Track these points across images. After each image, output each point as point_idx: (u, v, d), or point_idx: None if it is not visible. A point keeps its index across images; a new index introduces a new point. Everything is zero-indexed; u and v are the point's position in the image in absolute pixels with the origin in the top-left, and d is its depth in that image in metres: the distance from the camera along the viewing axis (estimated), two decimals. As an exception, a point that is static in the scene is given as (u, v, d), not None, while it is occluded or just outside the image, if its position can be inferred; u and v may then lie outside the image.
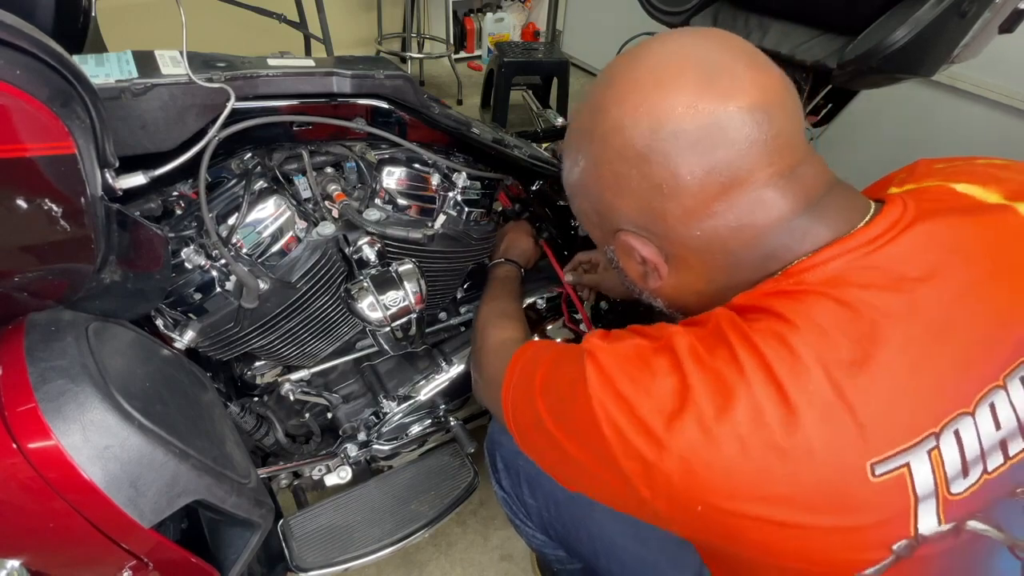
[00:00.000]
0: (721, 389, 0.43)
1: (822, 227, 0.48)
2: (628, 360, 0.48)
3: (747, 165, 0.46)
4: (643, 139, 0.47)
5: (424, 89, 0.86)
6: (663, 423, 0.43)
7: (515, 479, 0.86)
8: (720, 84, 0.46)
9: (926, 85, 1.96)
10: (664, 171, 0.47)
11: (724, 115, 0.45)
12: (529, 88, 2.56)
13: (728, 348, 0.45)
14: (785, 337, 0.43)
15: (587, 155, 0.53)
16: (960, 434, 0.42)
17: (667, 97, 0.46)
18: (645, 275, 0.56)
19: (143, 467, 0.54)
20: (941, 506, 0.42)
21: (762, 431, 0.41)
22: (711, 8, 1.15)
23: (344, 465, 1.02)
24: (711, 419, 0.42)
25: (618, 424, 0.45)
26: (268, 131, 0.79)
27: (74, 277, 0.59)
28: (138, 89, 0.63)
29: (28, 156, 0.48)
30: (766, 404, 0.42)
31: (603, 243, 0.60)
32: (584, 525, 0.79)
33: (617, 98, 0.49)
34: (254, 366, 0.96)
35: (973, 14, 0.85)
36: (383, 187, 0.90)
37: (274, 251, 0.80)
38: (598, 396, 0.47)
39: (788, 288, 0.47)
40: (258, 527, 0.70)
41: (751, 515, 0.42)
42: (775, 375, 0.42)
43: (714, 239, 0.49)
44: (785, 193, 0.48)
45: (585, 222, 0.60)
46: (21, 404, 0.51)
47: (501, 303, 0.92)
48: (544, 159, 1.04)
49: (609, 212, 0.54)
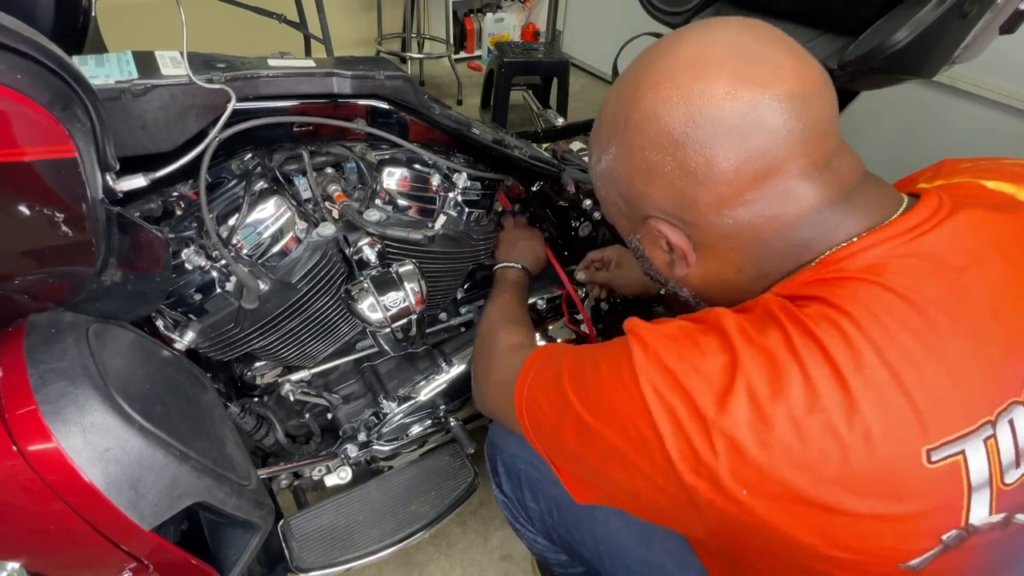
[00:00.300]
0: (774, 369, 0.42)
1: (855, 218, 0.48)
2: (675, 340, 0.47)
3: (783, 154, 0.46)
4: (680, 125, 0.47)
5: (424, 89, 0.86)
6: (714, 401, 0.42)
7: (516, 483, 0.86)
8: (759, 72, 0.46)
9: (926, 85, 1.96)
10: (699, 157, 0.47)
11: (762, 103, 0.45)
12: (529, 88, 2.56)
13: (780, 329, 0.44)
14: (837, 321, 0.42)
15: (618, 143, 0.53)
16: (1015, 423, 0.41)
17: (705, 83, 0.46)
18: (671, 263, 0.56)
19: (143, 469, 0.54)
20: (994, 496, 0.41)
21: (819, 413, 0.40)
22: (712, 8, 1.15)
23: (344, 466, 1.02)
24: (765, 398, 0.41)
25: (667, 400, 0.44)
26: (268, 132, 0.79)
27: (74, 279, 0.59)
28: (138, 90, 0.62)
29: (28, 160, 0.48)
30: (823, 386, 0.41)
31: (629, 231, 0.59)
32: (588, 528, 0.78)
33: (652, 85, 0.49)
34: (254, 367, 0.96)
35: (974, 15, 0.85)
36: (383, 188, 0.90)
37: (274, 252, 0.80)
38: (646, 373, 0.46)
39: (829, 276, 0.46)
40: (258, 528, 0.70)
41: (801, 500, 0.41)
42: (831, 357, 0.41)
43: (745, 228, 0.49)
44: (819, 183, 0.48)
45: (612, 211, 0.60)
46: (21, 406, 0.51)
47: (511, 309, 0.90)
48: (544, 159, 1.04)
49: (639, 200, 0.53)
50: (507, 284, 0.98)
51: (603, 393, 0.49)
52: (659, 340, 0.47)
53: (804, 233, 0.48)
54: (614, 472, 0.50)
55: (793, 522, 0.42)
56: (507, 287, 0.97)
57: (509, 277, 1.00)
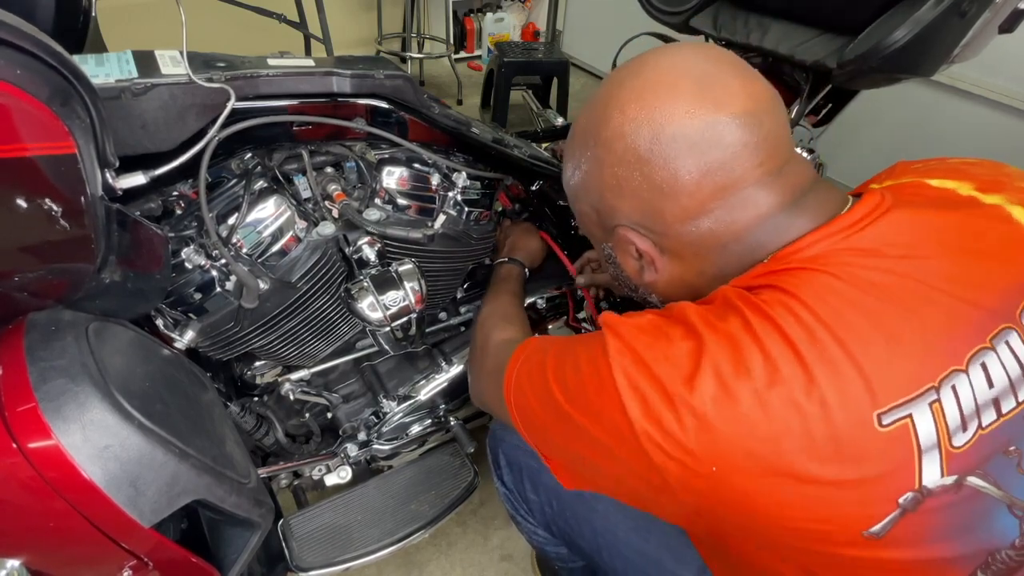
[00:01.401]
0: (736, 350, 0.45)
1: (805, 219, 0.52)
2: (645, 330, 0.51)
3: (740, 165, 0.51)
4: (645, 143, 0.51)
5: (424, 89, 0.86)
6: (682, 382, 0.45)
7: (517, 475, 0.86)
8: (714, 93, 0.51)
9: (926, 85, 1.96)
10: (664, 172, 0.51)
11: (718, 120, 0.50)
12: (529, 88, 2.56)
13: (739, 315, 0.47)
14: (790, 305, 0.46)
15: (589, 159, 0.57)
16: (957, 389, 0.45)
17: (667, 105, 0.51)
18: (641, 269, 0.60)
19: (143, 467, 0.54)
20: (944, 458, 0.44)
21: (780, 387, 0.43)
22: (711, 8, 1.15)
23: (344, 465, 1.02)
24: (730, 376, 0.44)
25: (639, 387, 0.47)
26: (268, 131, 0.79)
27: (74, 277, 0.59)
28: (138, 89, 0.63)
29: (28, 156, 0.48)
30: (781, 362, 0.44)
31: (601, 241, 0.63)
32: (587, 520, 0.79)
33: (619, 106, 0.53)
34: (254, 366, 0.96)
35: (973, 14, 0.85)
36: (383, 187, 0.90)
37: (274, 251, 0.80)
38: (619, 362, 0.49)
39: (780, 268, 0.50)
40: (258, 527, 0.70)
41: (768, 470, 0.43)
42: (787, 336, 0.45)
43: (707, 234, 0.54)
44: (773, 190, 0.52)
45: (585, 222, 0.64)
46: (21, 404, 0.51)
47: (504, 304, 0.92)
48: (544, 159, 1.04)
49: (609, 211, 0.58)
50: (501, 279, 1.00)
51: (581, 384, 0.52)
52: (631, 331, 0.51)
53: (760, 235, 0.53)
54: (595, 460, 0.53)
55: (762, 494, 0.44)
56: (502, 282, 1.00)
57: (504, 273, 1.02)
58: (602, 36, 3.29)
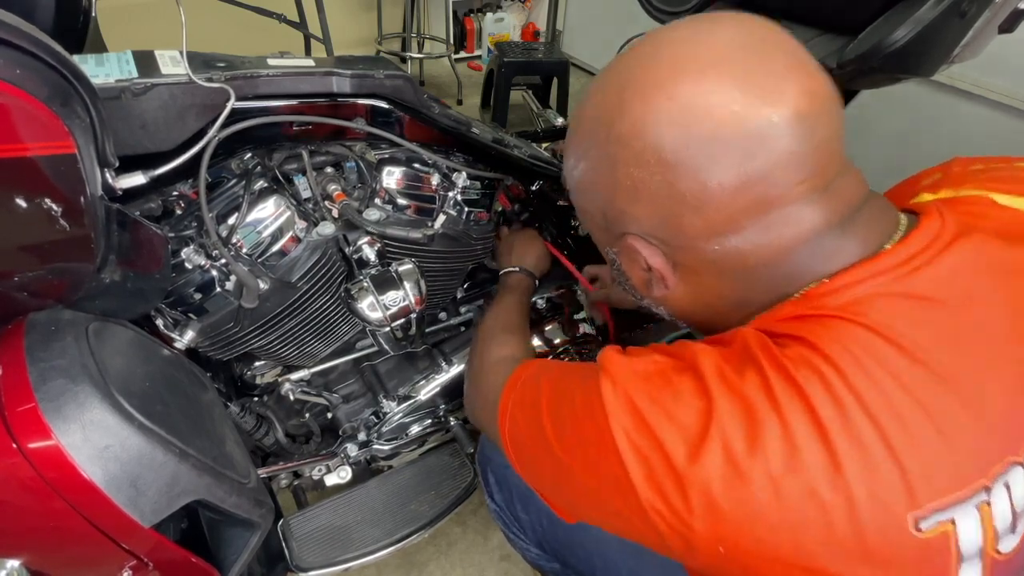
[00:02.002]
0: (752, 419, 0.39)
1: (852, 245, 0.44)
2: (648, 378, 0.44)
3: (783, 178, 0.42)
4: (671, 143, 0.42)
5: (424, 89, 0.86)
6: (686, 451, 0.39)
7: (507, 494, 0.85)
8: (763, 85, 0.41)
9: (926, 85, 1.96)
10: (691, 180, 0.42)
11: (765, 122, 0.40)
12: (529, 88, 2.56)
13: (759, 372, 0.40)
14: (819, 367, 0.39)
15: (599, 153, 0.48)
16: (1011, 485, 0.38)
17: (703, 96, 0.41)
18: (649, 282, 0.52)
19: (143, 467, 0.54)
20: (987, 567, 0.38)
21: (799, 474, 0.37)
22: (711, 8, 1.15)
23: (344, 465, 1.02)
24: (740, 452, 0.38)
25: (638, 447, 0.41)
26: (268, 131, 0.79)
27: (74, 277, 0.59)
28: (138, 89, 0.62)
29: (28, 156, 0.48)
30: (803, 442, 0.37)
31: (606, 245, 0.56)
32: (579, 540, 0.78)
33: (641, 93, 0.43)
34: (254, 366, 0.96)
35: (973, 14, 0.84)
36: (383, 187, 0.90)
37: (274, 251, 0.80)
38: (617, 415, 0.43)
39: (810, 312, 0.43)
40: (258, 527, 0.70)
41: (780, 560, 0.38)
42: (813, 408, 0.38)
43: (732, 254, 0.45)
44: (818, 208, 0.43)
45: (588, 222, 0.56)
46: (21, 404, 0.51)
47: (507, 316, 0.87)
48: (544, 159, 1.04)
49: (619, 216, 0.49)
50: (507, 289, 0.95)
51: (577, 432, 0.47)
52: (630, 378, 0.44)
53: (795, 261, 0.45)
54: (592, 509, 0.49)
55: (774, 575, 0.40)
56: (507, 292, 0.94)
57: (511, 282, 0.97)
58: (602, 36, 3.29)
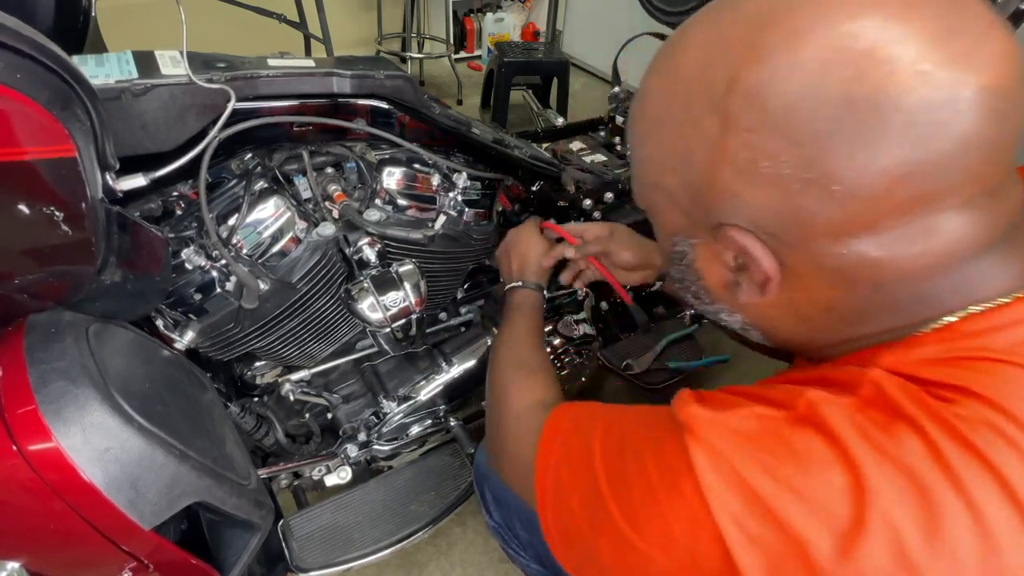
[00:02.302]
0: (924, 499, 0.29)
1: (1010, 269, 0.35)
2: (754, 439, 0.34)
3: (954, 172, 0.32)
4: (830, 108, 0.31)
5: (424, 89, 0.86)
6: (832, 544, 0.30)
7: (506, 513, 0.81)
8: (960, 43, 0.31)
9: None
10: (844, 161, 0.32)
11: (959, 92, 0.30)
12: (529, 88, 2.56)
13: (919, 433, 0.31)
14: (1003, 429, 0.30)
15: (708, 112, 0.36)
16: None
17: (883, 48, 0.30)
18: (734, 285, 0.41)
19: (143, 469, 0.54)
20: None
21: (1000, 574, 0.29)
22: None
23: (344, 465, 1.02)
24: (916, 546, 0.29)
25: (757, 539, 0.32)
26: (268, 131, 0.79)
27: (74, 279, 0.58)
28: (138, 89, 0.62)
29: (28, 159, 0.48)
30: (1002, 531, 0.28)
31: (680, 232, 0.43)
32: None
33: (789, 36, 0.32)
34: (254, 366, 0.96)
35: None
36: (383, 187, 0.90)
37: (274, 252, 0.80)
38: (721, 498, 0.33)
39: (966, 354, 0.34)
40: (258, 528, 0.70)
41: None
42: (1008, 485, 0.29)
43: (863, 263, 0.35)
44: (978, 217, 0.34)
45: (659, 200, 0.44)
46: (21, 406, 0.50)
47: (522, 348, 0.74)
48: (544, 159, 1.04)
49: (720, 199, 0.38)
50: (515, 310, 0.82)
51: (658, 514, 0.36)
52: (730, 442, 0.34)
53: (936, 284, 0.35)
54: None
55: None
56: (515, 314, 0.81)
57: (518, 300, 0.84)
58: (602, 36, 3.29)
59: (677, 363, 1.35)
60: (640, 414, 0.43)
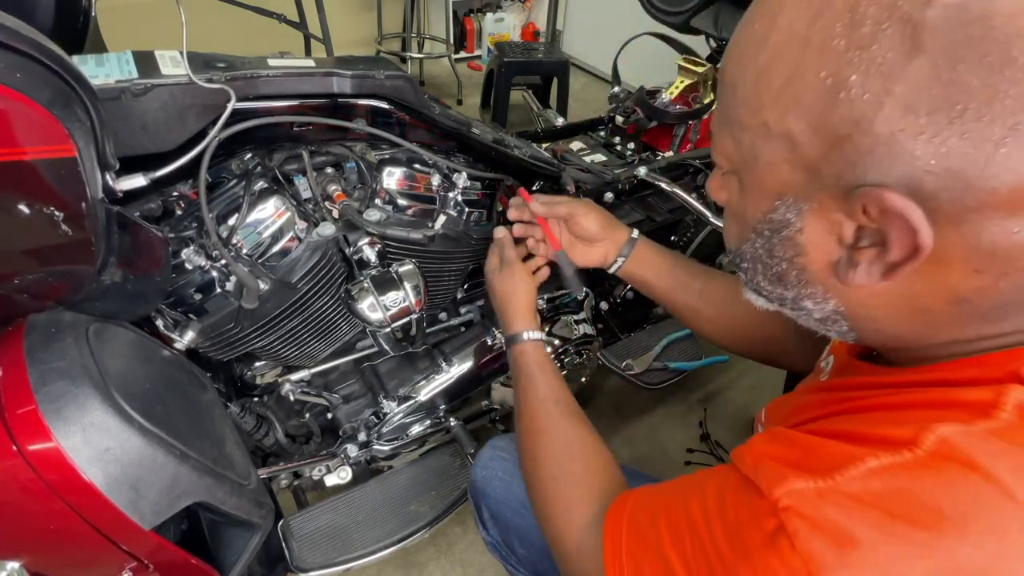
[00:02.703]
0: None
1: None
2: (891, 514, 0.27)
3: None
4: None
5: (424, 89, 0.86)
6: None
7: (504, 530, 0.80)
8: None
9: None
10: None
11: None
12: (529, 88, 2.56)
13: None
14: None
15: (877, 29, 0.28)
16: None
17: None
18: (845, 263, 0.34)
19: (143, 469, 0.54)
20: None
21: None
22: (712, 8, 1.15)
23: (344, 465, 1.02)
24: None
25: None
26: (268, 131, 0.79)
27: (74, 279, 0.59)
28: (138, 89, 0.62)
29: (28, 160, 0.48)
30: None
31: (791, 194, 0.35)
32: None
33: None
34: (254, 366, 0.96)
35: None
36: (383, 187, 0.90)
37: (274, 251, 0.80)
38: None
39: None
40: (258, 528, 0.70)
41: None
42: None
43: None
44: None
45: (764, 149, 0.35)
46: (21, 406, 0.51)
47: (563, 427, 0.63)
48: (544, 159, 1.04)
49: (870, 149, 0.30)
50: (525, 375, 0.71)
51: None
52: (855, 517, 0.27)
53: None
54: None
55: None
56: (528, 381, 0.70)
57: (522, 362, 0.73)
58: (602, 36, 3.29)
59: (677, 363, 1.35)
60: (722, 495, 0.35)
